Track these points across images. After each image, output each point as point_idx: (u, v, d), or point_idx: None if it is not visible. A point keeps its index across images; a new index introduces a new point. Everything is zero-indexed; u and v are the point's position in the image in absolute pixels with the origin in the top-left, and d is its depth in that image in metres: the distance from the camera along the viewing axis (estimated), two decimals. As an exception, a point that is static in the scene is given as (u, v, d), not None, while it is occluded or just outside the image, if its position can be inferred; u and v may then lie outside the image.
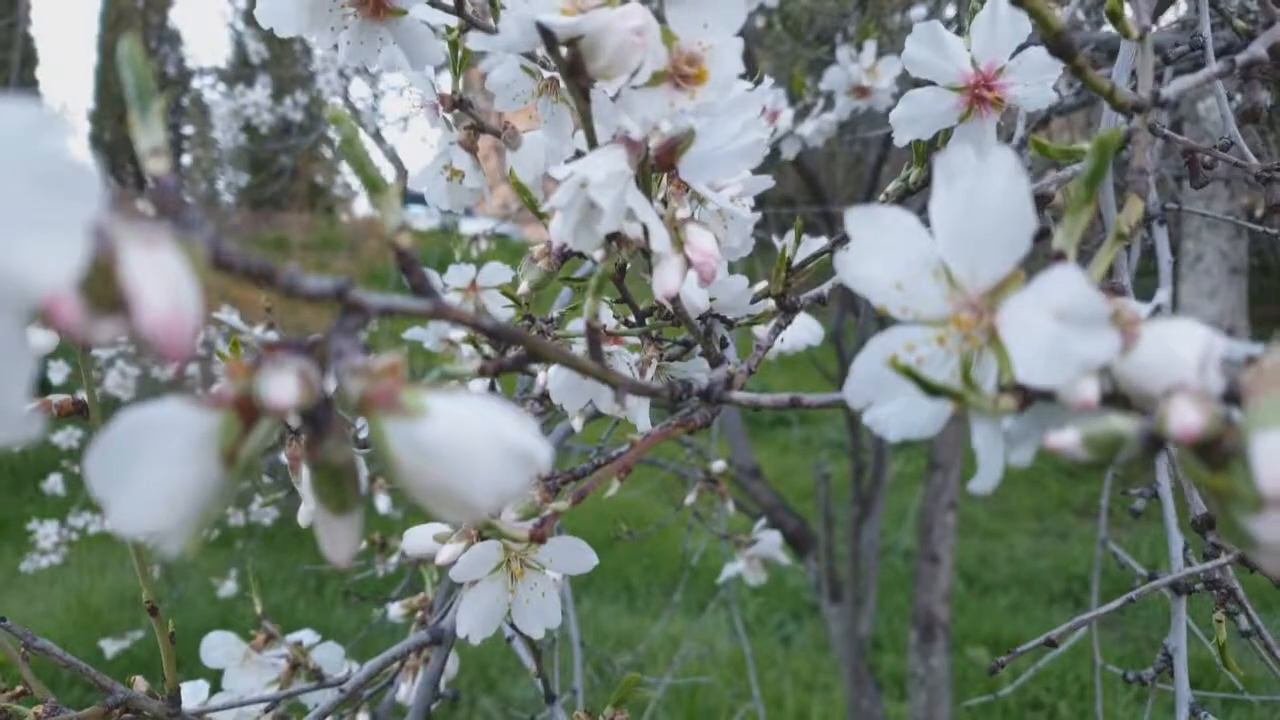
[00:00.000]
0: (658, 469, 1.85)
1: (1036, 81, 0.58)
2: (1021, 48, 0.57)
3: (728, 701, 2.59)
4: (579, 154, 0.40)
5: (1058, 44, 0.31)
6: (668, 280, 0.39)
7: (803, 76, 1.72)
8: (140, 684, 0.73)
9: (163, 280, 0.16)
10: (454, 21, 0.60)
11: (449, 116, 0.70)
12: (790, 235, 0.49)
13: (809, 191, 2.22)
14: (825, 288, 0.51)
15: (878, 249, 0.27)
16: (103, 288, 0.16)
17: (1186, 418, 0.20)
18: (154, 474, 0.20)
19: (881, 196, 0.70)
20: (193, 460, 0.21)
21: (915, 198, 0.69)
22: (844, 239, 0.67)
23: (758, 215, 0.46)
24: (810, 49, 2.31)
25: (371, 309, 0.24)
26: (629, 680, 0.67)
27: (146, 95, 0.21)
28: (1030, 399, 0.25)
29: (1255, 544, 0.20)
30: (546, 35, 0.36)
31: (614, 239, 0.41)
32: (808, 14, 2.69)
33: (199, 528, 0.21)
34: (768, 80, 0.50)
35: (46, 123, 0.15)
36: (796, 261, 0.61)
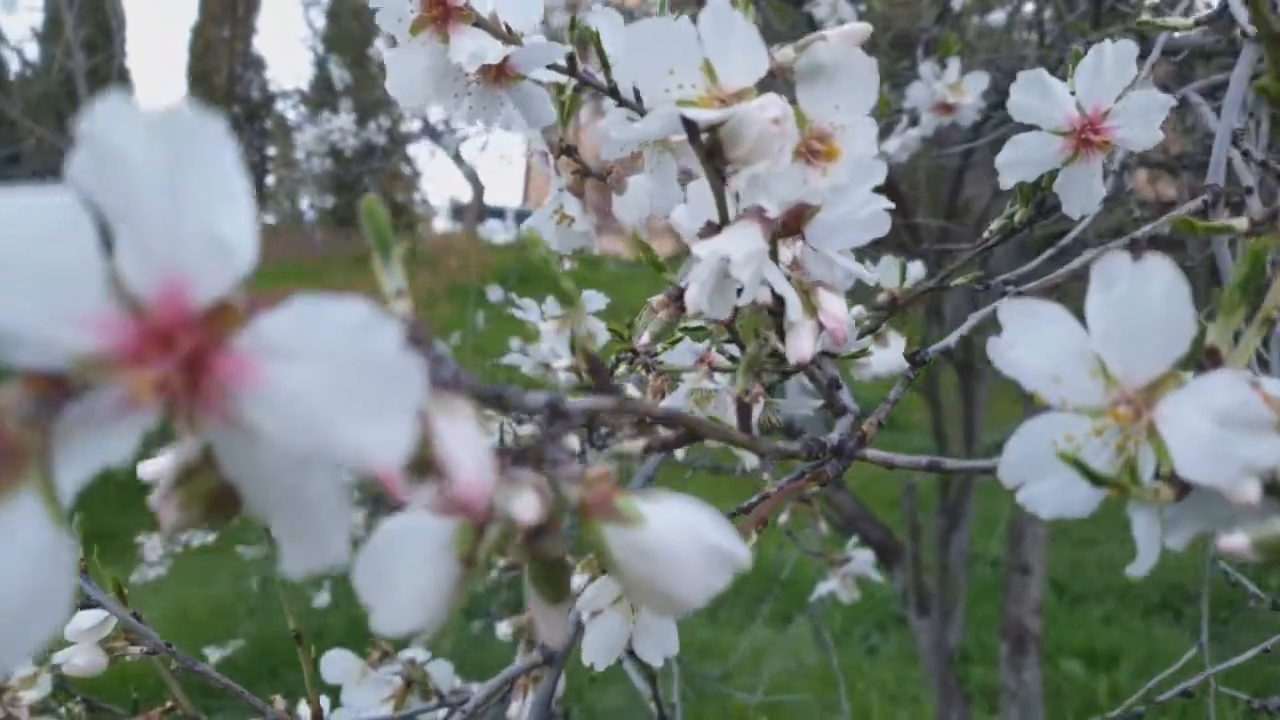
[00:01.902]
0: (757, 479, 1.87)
1: (1143, 123, 0.58)
2: (1126, 90, 0.58)
3: (817, 715, 2.58)
4: (710, 225, 0.42)
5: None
6: (803, 347, 0.41)
7: (884, 91, 1.71)
8: (280, 704, 0.78)
9: (468, 448, 0.19)
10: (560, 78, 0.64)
11: (558, 163, 0.74)
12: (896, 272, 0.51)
13: (890, 200, 2.20)
14: (952, 339, 0.52)
15: (1032, 341, 0.29)
16: (415, 455, 0.19)
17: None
18: (407, 582, 0.23)
19: (986, 234, 0.71)
20: (437, 566, 0.24)
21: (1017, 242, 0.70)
22: (946, 276, 0.68)
23: (874, 275, 0.48)
24: (886, 57, 2.30)
25: (575, 415, 0.27)
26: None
27: (386, 244, 0.24)
28: (1188, 488, 0.26)
29: None
30: (689, 126, 0.38)
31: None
32: (884, 21, 2.67)
33: (446, 621, 0.24)
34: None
35: (374, 321, 0.18)
36: (904, 297, 0.63)
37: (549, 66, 0.61)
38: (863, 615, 3.64)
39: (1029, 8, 2.42)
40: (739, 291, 0.41)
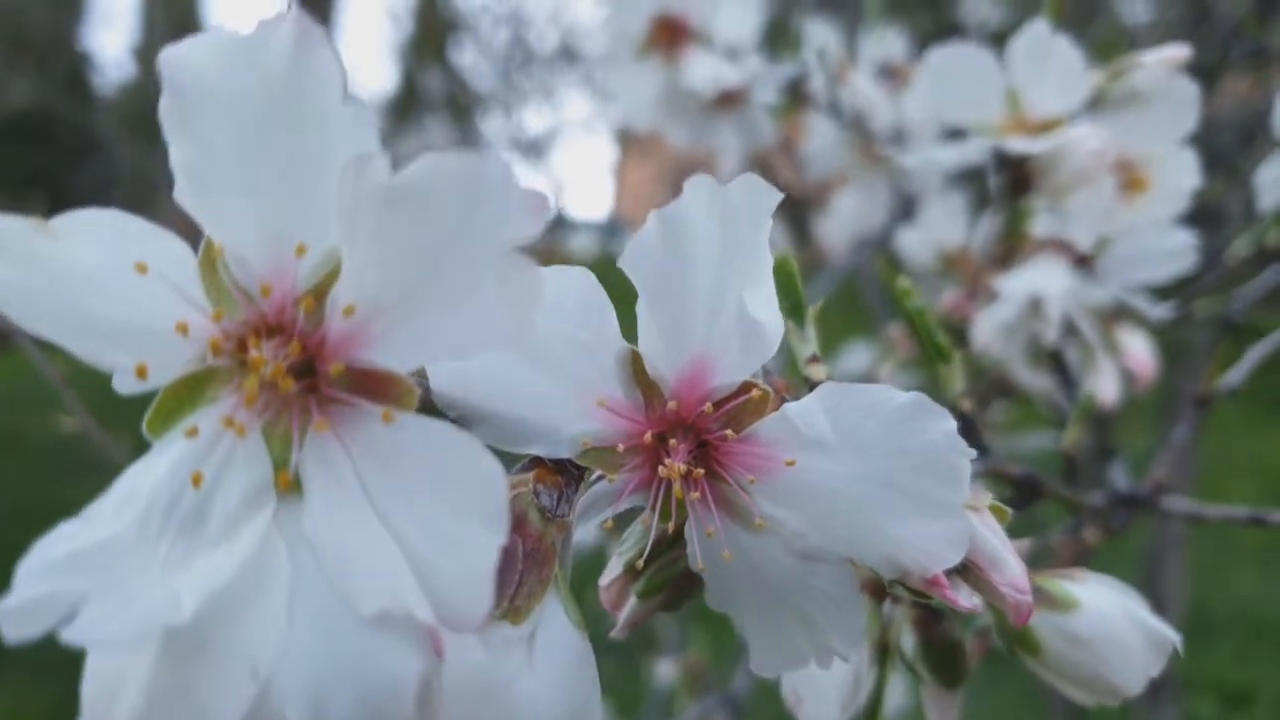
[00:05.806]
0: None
1: None
2: None
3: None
4: (1001, 260, 0.40)
5: None
6: (1107, 388, 0.38)
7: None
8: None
9: (1006, 544, 0.18)
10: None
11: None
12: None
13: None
14: (1236, 379, 0.47)
15: None
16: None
17: None
18: (831, 677, 0.22)
19: (1226, 259, 0.66)
20: (853, 658, 0.22)
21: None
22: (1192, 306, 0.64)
23: (1166, 312, 0.44)
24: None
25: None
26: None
27: (799, 307, 0.23)
28: None
29: None
30: (1001, 156, 0.36)
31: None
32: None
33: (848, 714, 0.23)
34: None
35: (923, 409, 0.16)
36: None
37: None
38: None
39: None
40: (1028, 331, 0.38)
